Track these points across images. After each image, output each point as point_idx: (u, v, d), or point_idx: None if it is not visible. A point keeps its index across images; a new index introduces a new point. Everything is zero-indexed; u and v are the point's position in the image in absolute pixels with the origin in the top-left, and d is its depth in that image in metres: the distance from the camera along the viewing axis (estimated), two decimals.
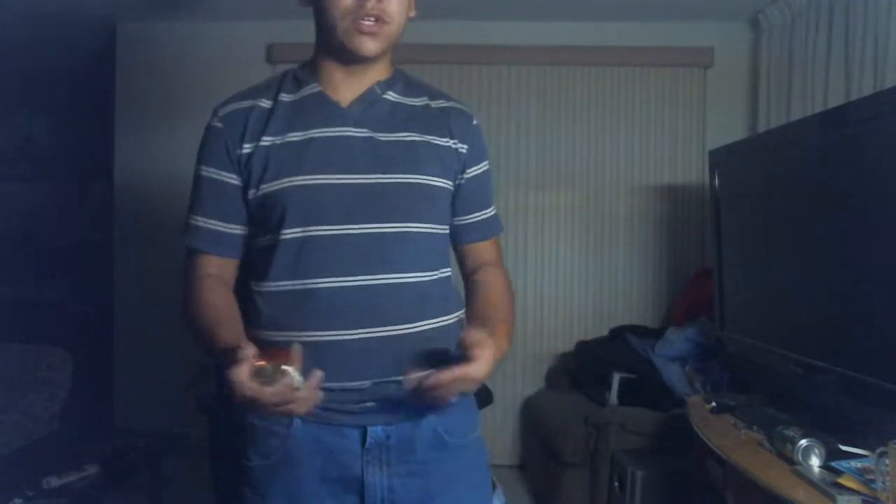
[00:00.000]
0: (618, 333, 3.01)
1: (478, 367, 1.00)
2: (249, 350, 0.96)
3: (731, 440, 1.86)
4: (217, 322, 1.11)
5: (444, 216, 1.22)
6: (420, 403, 1.05)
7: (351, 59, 1.15)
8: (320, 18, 1.14)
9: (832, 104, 2.38)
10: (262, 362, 0.95)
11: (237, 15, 3.20)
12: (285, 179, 1.11)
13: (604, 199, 3.35)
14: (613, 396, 2.70)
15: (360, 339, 1.09)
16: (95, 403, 3.32)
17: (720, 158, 2.49)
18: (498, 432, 3.27)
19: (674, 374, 2.63)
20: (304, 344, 1.04)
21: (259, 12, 3.15)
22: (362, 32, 1.10)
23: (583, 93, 3.34)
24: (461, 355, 1.01)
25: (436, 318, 1.16)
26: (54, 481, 2.20)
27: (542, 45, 3.29)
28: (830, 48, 2.54)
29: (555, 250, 3.36)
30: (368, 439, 1.12)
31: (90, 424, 3.06)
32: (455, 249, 1.29)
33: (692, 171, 3.30)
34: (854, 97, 2.29)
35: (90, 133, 4.18)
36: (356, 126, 1.15)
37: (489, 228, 1.29)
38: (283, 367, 0.95)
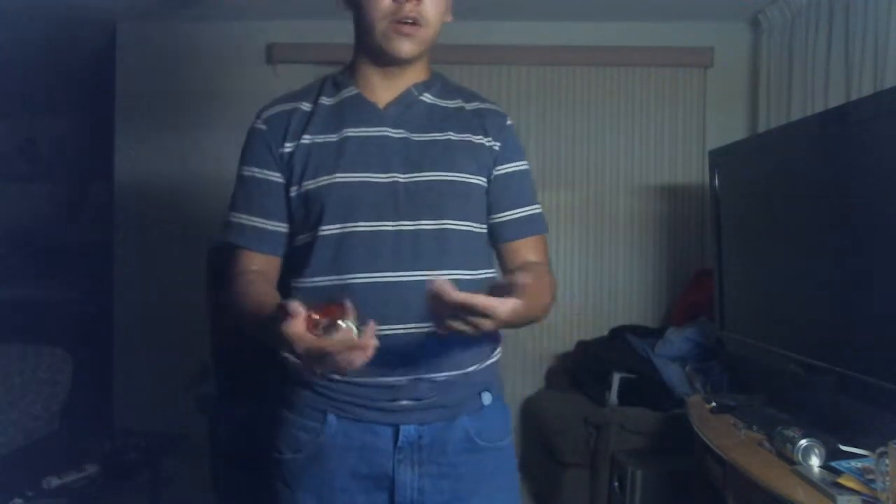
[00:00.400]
0: (618, 333, 3.01)
1: (503, 304, 0.95)
2: (300, 305, 0.93)
3: (731, 440, 1.86)
4: (262, 303, 1.10)
5: (481, 214, 1.23)
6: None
7: (388, 60, 1.17)
8: (359, 21, 1.17)
9: (832, 104, 2.38)
10: (317, 315, 0.93)
11: (237, 15, 3.20)
12: (324, 177, 1.14)
13: (604, 199, 3.34)
14: (613, 396, 2.70)
15: (392, 334, 1.10)
16: (95, 403, 3.31)
17: (720, 158, 2.49)
18: None
19: (674, 374, 2.63)
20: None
21: (259, 12, 3.15)
22: (400, 34, 1.13)
23: (583, 93, 3.34)
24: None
25: None
26: (54, 481, 2.21)
27: (542, 45, 3.29)
28: (830, 48, 2.54)
29: (555, 250, 3.35)
30: (401, 438, 1.14)
31: (90, 424, 3.06)
32: (495, 252, 1.28)
33: (692, 171, 3.29)
34: (854, 97, 2.29)
35: (90, 133, 4.18)
36: (393, 127, 1.18)
37: (526, 226, 1.26)
38: (339, 321, 0.93)
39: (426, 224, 1.15)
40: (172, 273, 3.14)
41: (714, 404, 2.11)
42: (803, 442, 1.60)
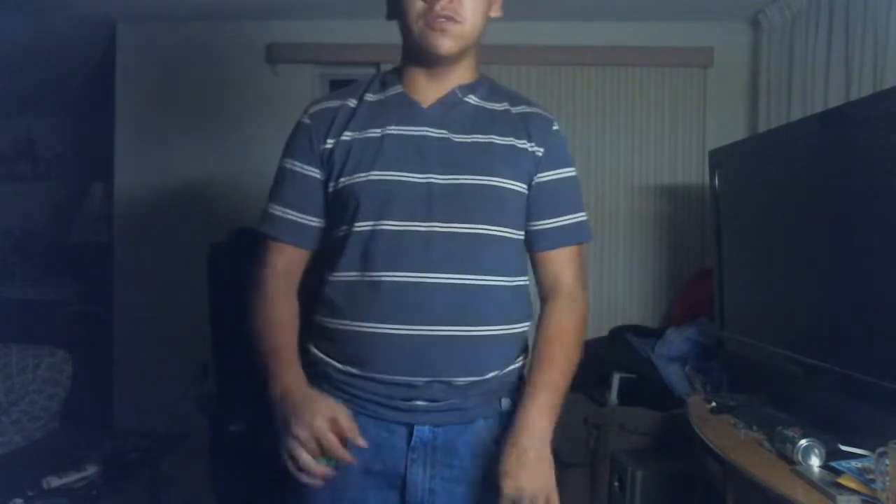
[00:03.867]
0: (618, 333, 3.01)
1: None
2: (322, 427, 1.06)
3: (731, 440, 1.86)
4: (280, 344, 1.18)
5: (517, 220, 1.21)
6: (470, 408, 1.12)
7: (429, 59, 1.19)
8: (401, 25, 1.19)
9: (832, 104, 2.38)
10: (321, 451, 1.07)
11: (237, 15, 3.20)
12: (361, 174, 1.15)
13: (604, 199, 3.34)
14: (613, 396, 2.70)
15: (412, 335, 1.11)
16: (95, 403, 3.31)
17: (720, 158, 2.49)
18: None
19: (674, 374, 2.63)
20: (360, 334, 1.11)
21: (259, 12, 3.15)
22: (434, 30, 1.14)
23: (582, 93, 3.33)
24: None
25: (496, 325, 1.16)
26: (54, 481, 2.20)
27: (542, 45, 3.29)
28: (830, 48, 2.54)
29: None
30: (414, 438, 1.14)
31: (90, 424, 3.06)
32: (530, 259, 1.26)
33: (692, 171, 3.29)
34: (854, 97, 2.29)
35: (90, 133, 4.18)
36: (434, 126, 1.18)
37: (562, 236, 1.24)
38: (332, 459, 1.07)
39: (459, 227, 1.14)
40: (172, 273, 3.14)
41: (714, 404, 2.10)
42: (803, 442, 1.60)
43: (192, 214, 3.20)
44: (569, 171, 1.25)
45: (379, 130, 1.18)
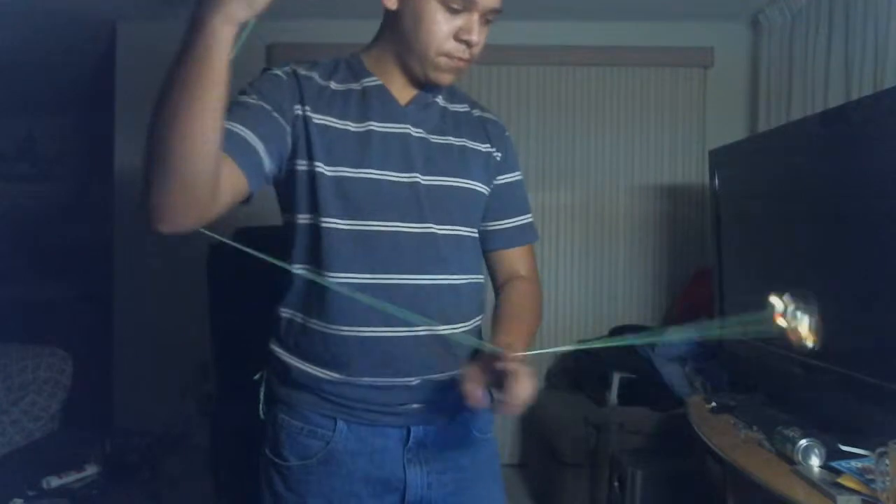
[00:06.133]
0: (618, 333, 3.01)
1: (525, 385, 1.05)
2: None
3: (731, 440, 1.86)
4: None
5: (478, 221, 1.24)
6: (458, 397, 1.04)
7: (421, 82, 1.17)
8: (409, 35, 1.12)
9: (832, 104, 2.38)
10: None
11: None
12: (348, 169, 1.10)
13: (604, 199, 3.34)
14: (613, 396, 2.70)
15: (406, 336, 1.11)
16: (95, 403, 3.31)
17: (720, 158, 2.49)
18: (498, 432, 3.26)
19: (674, 374, 2.63)
20: (355, 338, 1.09)
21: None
22: (450, 70, 1.14)
23: (582, 93, 3.34)
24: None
25: (468, 321, 1.19)
26: (54, 481, 2.21)
27: (542, 45, 3.29)
28: (830, 48, 2.54)
29: (555, 250, 3.36)
30: (411, 439, 1.15)
31: (90, 424, 3.06)
32: (485, 258, 1.28)
33: (692, 171, 3.30)
34: (854, 97, 2.29)
35: (90, 133, 4.18)
36: (413, 125, 1.17)
37: (519, 236, 1.29)
38: None
39: (441, 228, 1.14)
40: (172, 273, 3.13)
41: (714, 404, 2.10)
42: (803, 442, 1.60)
43: None
44: (520, 175, 1.31)
45: (361, 124, 1.12)
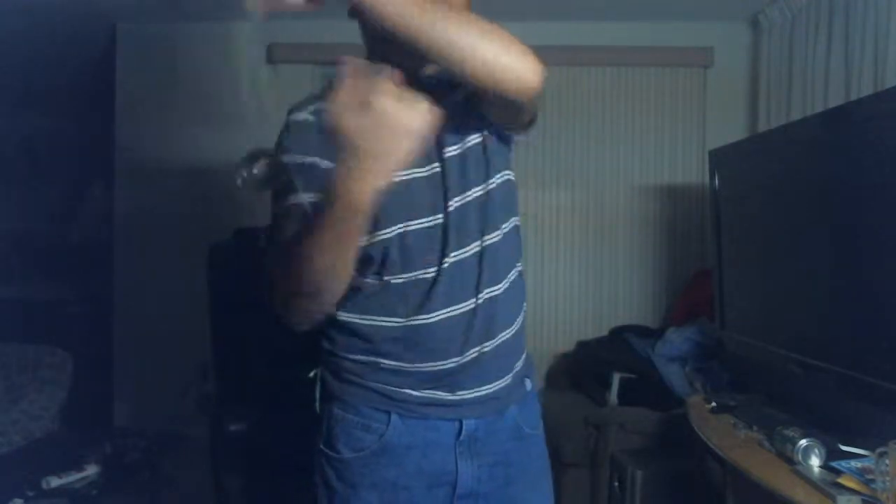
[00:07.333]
0: (618, 333, 3.01)
1: None
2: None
3: (731, 440, 1.86)
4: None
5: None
6: None
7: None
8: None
9: (832, 104, 2.38)
10: None
11: (237, 15, 3.19)
12: (386, 229, 1.11)
13: (604, 199, 3.34)
14: (613, 396, 2.70)
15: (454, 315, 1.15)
16: (95, 403, 3.31)
17: (720, 158, 2.49)
18: None
19: (674, 374, 2.63)
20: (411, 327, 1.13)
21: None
22: None
23: (582, 93, 3.33)
24: None
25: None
26: (54, 481, 2.21)
27: (541, 46, 3.24)
28: (830, 48, 2.54)
29: (555, 250, 3.36)
30: (463, 433, 1.17)
31: (90, 424, 3.06)
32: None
33: (692, 171, 3.29)
34: (854, 97, 2.29)
35: (90, 133, 4.18)
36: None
37: None
38: None
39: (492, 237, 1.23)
40: (172, 273, 3.13)
41: (714, 404, 2.10)
42: (803, 442, 1.60)
43: (192, 214, 3.20)
44: None
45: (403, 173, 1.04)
